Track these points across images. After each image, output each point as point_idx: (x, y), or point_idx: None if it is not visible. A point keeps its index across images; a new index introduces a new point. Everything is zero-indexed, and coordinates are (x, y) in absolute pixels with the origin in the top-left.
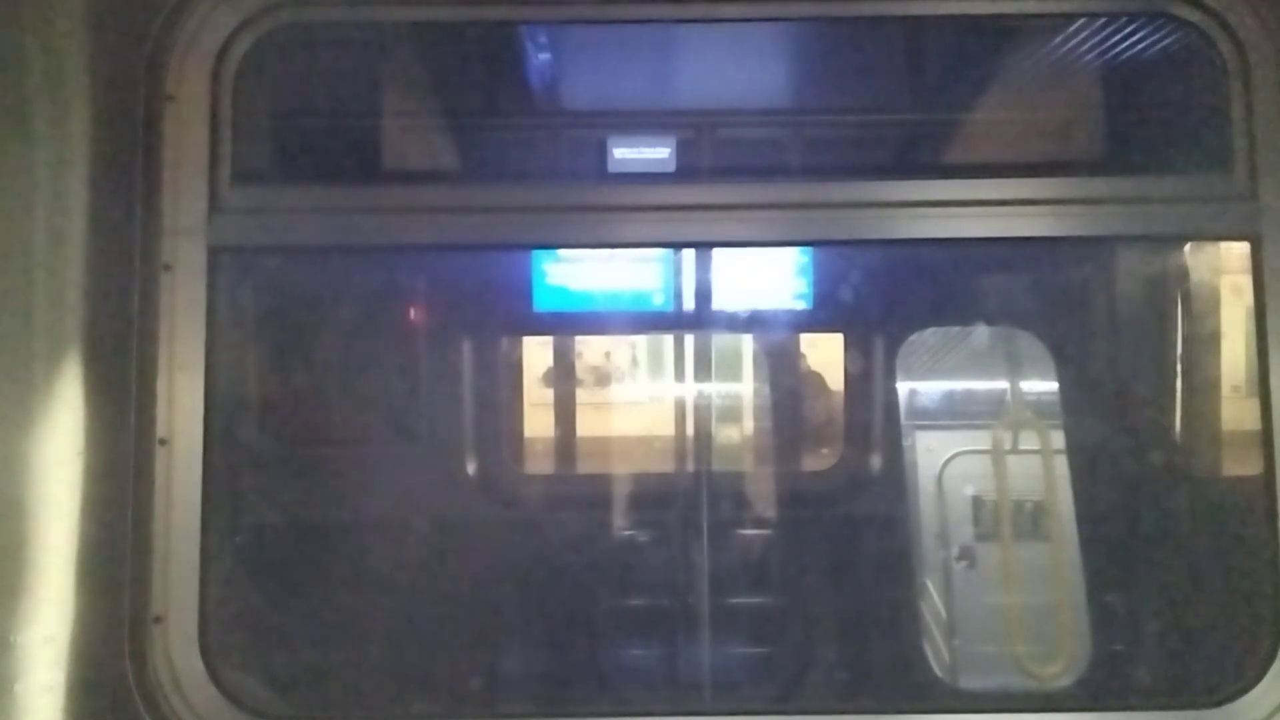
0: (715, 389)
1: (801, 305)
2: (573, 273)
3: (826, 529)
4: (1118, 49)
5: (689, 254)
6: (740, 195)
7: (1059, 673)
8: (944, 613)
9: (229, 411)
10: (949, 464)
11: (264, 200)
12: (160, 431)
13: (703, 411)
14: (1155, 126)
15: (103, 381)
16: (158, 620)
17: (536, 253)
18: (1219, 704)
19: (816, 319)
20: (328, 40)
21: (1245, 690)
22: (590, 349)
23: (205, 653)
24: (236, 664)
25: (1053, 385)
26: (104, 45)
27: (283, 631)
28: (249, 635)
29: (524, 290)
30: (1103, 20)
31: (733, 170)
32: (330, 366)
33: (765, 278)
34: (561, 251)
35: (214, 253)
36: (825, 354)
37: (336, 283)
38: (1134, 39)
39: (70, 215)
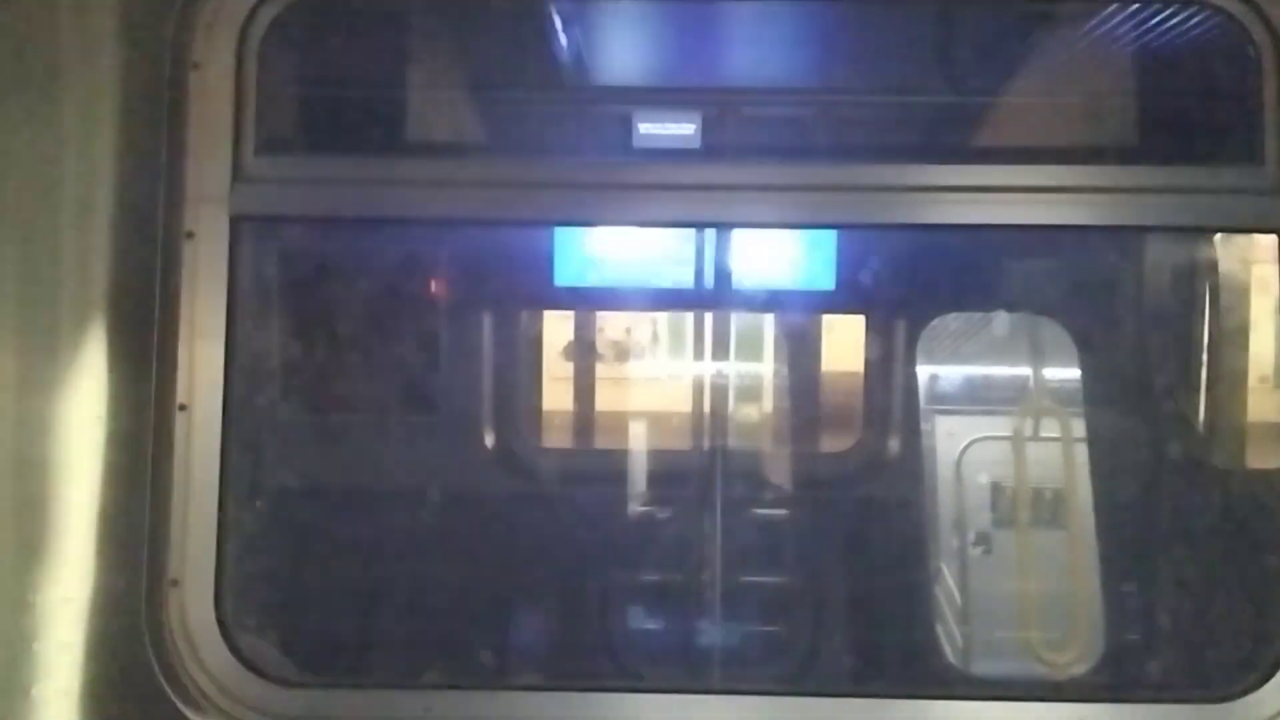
0: (734, 368)
1: (824, 286)
2: (594, 248)
3: (842, 511)
4: (1149, 36)
5: (711, 232)
6: (765, 176)
7: (1072, 661)
8: (959, 598)
9: (248, 379)
10: (968, 449)
11: (287, 170)
12: (180, 397)
13: (720, 390)
14: (1185, 116)
15: (125, 348)
16: (174, 583)
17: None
18: (1233, 698)
19: (838, 300)
20: (353, 11)
21: (1260, 684)
22: (611, 324)
23: (220, 616)
24: (251, 628)
25: (1075, 373)
26: (132, 14)
27: (298, 597)
28: (265, 600)
29: (545, 264)
30: (1135, 6)
31: (757, 147)
32: (350, 336)
33: (788, 258)
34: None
35: (236, 221)
36: (846, 335)
37: (357, 253)
38: (1166, 26)
39: (96, 183)
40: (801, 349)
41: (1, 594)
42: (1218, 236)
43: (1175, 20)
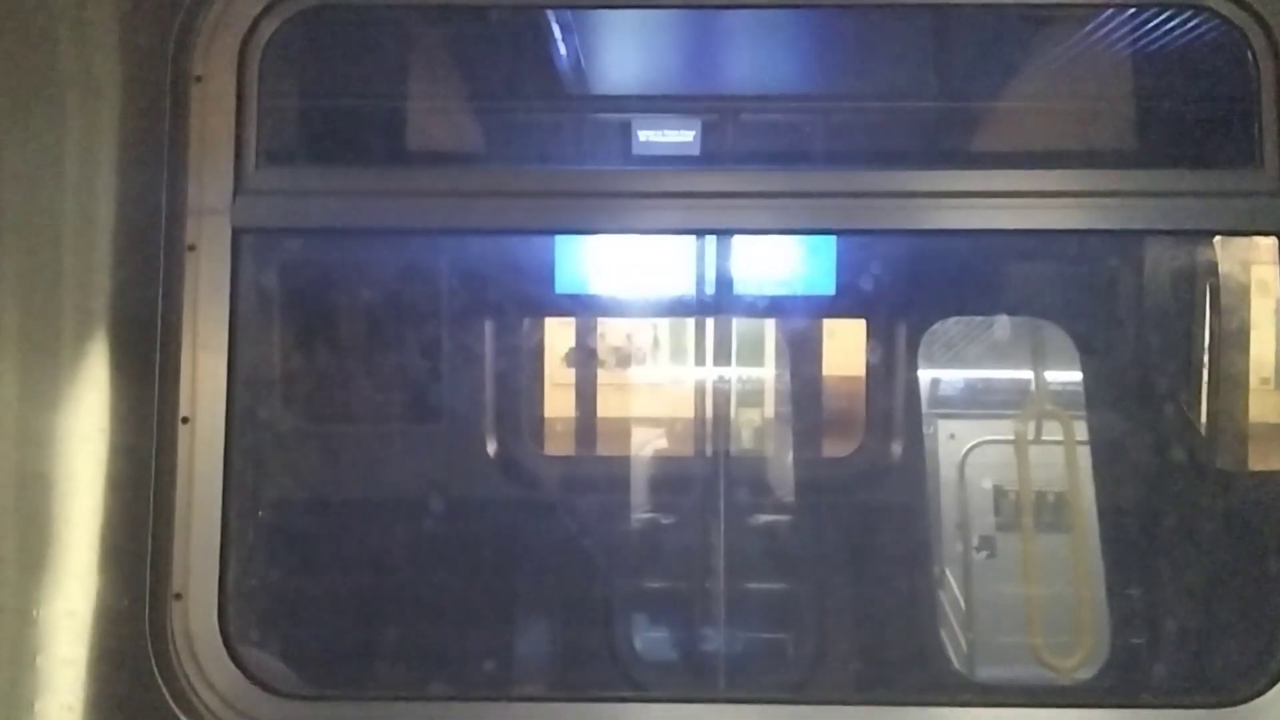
0: (736, 373)
1: (824, 291)
2: (596, 255)
3: (846, 516)
4: (1146, 40)
5: (712, 238)
6: (765, 183)
7: (1078, 665)
8: (963, 603)
9: (252, 390)
10: (971, 453)
11: (289, 182)
12: (184, 410)
13: (722, 396)
14: (1184, 119)
15: (127, 360)
16: (178, 597)
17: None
18: (1239, 702)
19: (839, 305)
20: (354, 23)
21: (1266, 689)
22: (612, 330)
23: (225, 629)
24: (256, 641)
25: (1077, 376)
26: (133, 26)
27: (303, 609)
28: (269, 613)
29: (546, 272)
30: (1131, 10)
31: (756, 154)
32: (352, 347)
33: (788, 263)
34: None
35: (238, 233)
36: (848, 340)
37: (359, 263)
38: (1163, 29)
39: (98, 196)
40: (803, 354)
41: (4, 608)
42: (1217, 239)
43: (1173, 24)
